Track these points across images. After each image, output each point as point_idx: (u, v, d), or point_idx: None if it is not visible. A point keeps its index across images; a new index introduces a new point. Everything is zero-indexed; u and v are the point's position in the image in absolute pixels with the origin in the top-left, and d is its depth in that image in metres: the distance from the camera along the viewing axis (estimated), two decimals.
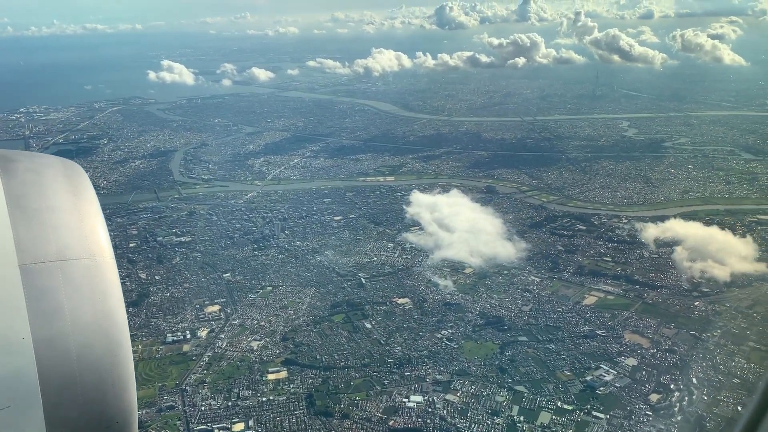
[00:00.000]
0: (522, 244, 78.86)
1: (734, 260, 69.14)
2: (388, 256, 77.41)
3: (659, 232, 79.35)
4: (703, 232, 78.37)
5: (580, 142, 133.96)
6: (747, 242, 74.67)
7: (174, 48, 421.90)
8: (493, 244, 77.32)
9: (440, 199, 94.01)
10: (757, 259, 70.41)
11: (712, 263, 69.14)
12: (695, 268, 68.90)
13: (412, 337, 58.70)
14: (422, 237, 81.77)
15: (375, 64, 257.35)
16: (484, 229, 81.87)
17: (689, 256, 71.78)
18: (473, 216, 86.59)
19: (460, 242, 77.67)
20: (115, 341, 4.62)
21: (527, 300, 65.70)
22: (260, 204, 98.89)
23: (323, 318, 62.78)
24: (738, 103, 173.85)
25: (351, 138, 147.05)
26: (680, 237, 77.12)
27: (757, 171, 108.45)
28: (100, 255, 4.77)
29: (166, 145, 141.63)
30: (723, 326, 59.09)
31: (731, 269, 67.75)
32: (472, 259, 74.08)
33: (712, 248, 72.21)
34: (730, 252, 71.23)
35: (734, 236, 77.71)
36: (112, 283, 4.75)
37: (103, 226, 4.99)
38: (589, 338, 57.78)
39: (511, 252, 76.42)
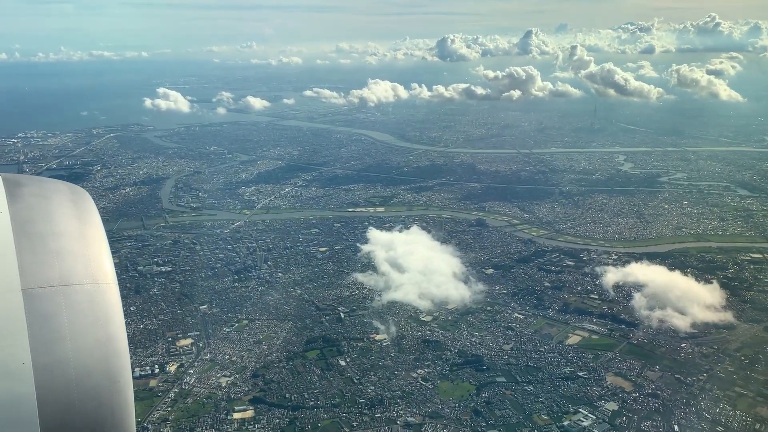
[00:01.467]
0: (479, 285, 75.15)
1: (696, 309, 66.03)
2: (370, 290, 75.63)
3: (620, 276, 76.12)
4: (666, 277, 74.87)
5: (574, 175, 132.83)
6: (714, 288, 71.26)
7: (178, 76, 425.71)
8: (445, 286, 73.70)
9: (398, 237, 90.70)
10: (724, 306, 67.65)
11: (671, 311, 66.00)
12: (653, 317, 65.58)
13: (387, 375, 56.76)
14: (372, 278, 77.65)
15: (370, 95, 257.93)
16: (439, 270, 77.79)
17: (647, 304, 68.23)
18: (429, 255, 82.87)
19: (410, 284, 74.06)
20: (116, 368, 4.58)
21: (509, 338, 63.79)
22: (246, 234, 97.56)
23: (297, 354, 60.92)
24: (737, 139, 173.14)
25: (345, 168, 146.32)
26: (642, 282, 73.72)
27: (752, 208, 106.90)
28: (103, 281, 4.75)
29: (158, 173, 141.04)
30: (709, 369, 56.97)
31: (692, 319, 64.69)
32: (420, 302, 70.36)
33: (672, 295, 68.79)
34: (693, 299, 67.92)
35: (700, 281, 74.34)
36: (114, 309, 4.72)
37: (107, 251, 5.01)
38: (569, 380, 55.74)
39: (465, 294, 72.53)
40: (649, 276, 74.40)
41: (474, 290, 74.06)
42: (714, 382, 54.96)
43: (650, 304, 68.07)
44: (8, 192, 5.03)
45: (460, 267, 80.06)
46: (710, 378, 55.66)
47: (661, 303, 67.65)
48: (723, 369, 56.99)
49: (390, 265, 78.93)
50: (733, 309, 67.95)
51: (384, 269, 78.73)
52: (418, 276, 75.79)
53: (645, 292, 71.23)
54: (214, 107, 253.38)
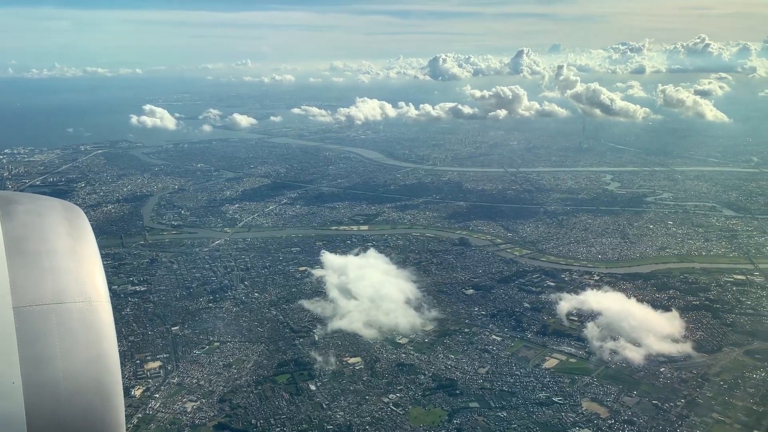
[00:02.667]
0: (433, 313, 72.48)
1: (652, 340, 63.62)
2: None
3: (575, 304, 73.30)
4: (621, 305, 71.93)
5: (560, 194, 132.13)
6: (673, 317, 68.92)
7: (171, 92, 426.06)
8: (395, 314, 70.75)
9: (352, 261, 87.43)
10: (685, 337, 65.41)
11: (624, 343, 63.72)
12: (606, 348, 63.11)
13: (357, 401, 55.28)
14: (319, 304, 74.68)
15: (358, 113, 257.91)
16: (390, 296, 74.84)
17: (600, 335, 65.69)
18: (383, 280, 79.57)
19: (357, 311, 71.28)
20: (108, 387, 4.45)
21: (485, 361, 62.47)
22: (225, 252, 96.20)
23: (267, 378, 59.39)
24: (724, 159, 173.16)
25: (331, 185, 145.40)
26: (596, 310, 71.11)
27: (737, 228, 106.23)
28: (96, 299, 4.68)
29: (142, 190, 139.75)
30: (687, 395, 55.70)
31: (646, 351, 62.24)
32: (366, 331, 67.29)
33: (627, 325, 66.34)
34: (649, 329, 65.36)
35: (659, 311, 71.09)
36: (107, 327, 4.63)
37: (100, 269, 4.94)
38: (544, 406, 54.36)
39: (416, 322, 69.68)
40: (604, 304, 71.73)
41: (426, 317, 71.33)
42: (692, 408, 53.69)
43: (603, 335, 65.51)
44: (2, 209, 5.02)
45: (415, 292, 77.56)
46: (688, 404, 54.38)
47: (615, 333, 65.42)
48: (701, 395, 55.72)
49: (339, 291, 76.00)
50: (711, 332, 67.00)
51: (333, 295, 75.87)
52: (367, 303, 72.85)
53: (599, 321, 68.67)
54: (201, 124, 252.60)
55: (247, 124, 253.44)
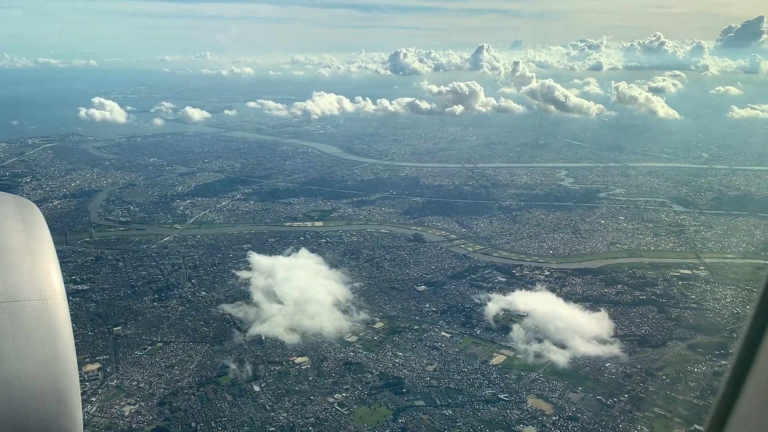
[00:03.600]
0: (363, 315, 70.62)
1: (578, 342, 63.14)
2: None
3: (504, 305, 72.29)
4: (549, 306, 70.97)
5: (515, 190, 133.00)
6: (601, 317, 68.60)
7: (127, 85, 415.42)
8: (320, 318, 68.54)
9: (281, 262, 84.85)
10: (612, 337, 65.18)
11: (549, 345, 63.13)
12: (530, 350, 62.46)
13: (302, 401, 54.25)
14: (242, 309, 71.56)
15: (314, 107, 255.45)
16: (317, 299, 72.50)
17: (525, 337, 64.80)
18: (312, 282, 77.20)
19: (281, 315, 69.03)
20: (64, 388, 4.30)
21: (433, 358, 62.09)
22: (173, 249, 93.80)
23: (210, 379, 57.87)
24: (676, 155, 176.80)
25: (287, 181, 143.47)
26: (523, 312, 70.65)
27: (685, 223, 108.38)
28: (51, 296, 4.52)
29: (91, 185, 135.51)
30: (631, 390, 56.27)
31: (572, 353, 61.58)
32: (288, 336, 64.70)
33: (553, 327, 65.72)
34: (575, 331, 64.80)
35: (588, 311, 70.75)
36: (63, 326, 4.48)
37: (56, 267, 4.77)
38: (490, 403, 54.23)
39: (342, 326, 67.53)
40: (531, 305, 71.22)
41: (355, 320, 69.42)
42: (635, 403, 54.24)
43: (528, 337, 64.74)
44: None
45: (346, 293, 75.80)
46: (631, 399, 54.92)
47: (540, 335, 64.96)
48: (645, 389, 56.39)
49: (264, 295, 73.41)
50: (656, 327, 68.02)
51: (257, 299, 73.00)
52: (293, 306, 70.55)
53: (525, 323, 67.94)
54: (153, 118, 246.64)
55: (200, 118, 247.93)
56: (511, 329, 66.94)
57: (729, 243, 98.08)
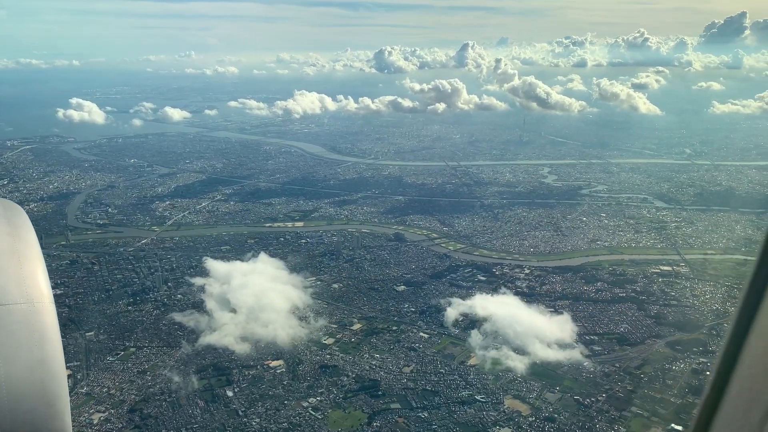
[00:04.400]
0: (321, 321, 68.42)
1: (538, 347, 61.48)
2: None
3: (464, 310, 70.09)
4: (509, 311, 68.70)
5: (498, 188, 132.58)
6: (564, 320, 66.84)
7: (110, 85, 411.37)
8: (274, 326, 65.97)
9: (238, 268, 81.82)
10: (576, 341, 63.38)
11: (507, 351, 61.30)
12: (488, 357, 60.69)
13: (276, 406, 53.36)
14: (194, 317, 68.66)
15: (296, 106, 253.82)
16: (272, 306, 69.18)
17: (483, 343, 62.75)
18: (269, 288, 74.30)
19: (233, 324, 66.61)
20: (52, 392, 4.22)
21: (411, 359, 61.38)
22: (150, 252, 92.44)
23: (182, 385, 56.76)
24: (659, 151, 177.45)
25: (269, 181, 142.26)
26: (482, 317, 68.11)
27: (666, 219, 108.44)
28: (38, 300, 4.42)
29: (69, 187, 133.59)
30: (609, 389, 55.84)
31: (531, 359, 59.87)
32: (238, 346, 62.12)
33: (512, 332, 63.68)
34: (535, 336, 62.99)
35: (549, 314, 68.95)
36: (51, 329, 4.40)
37: (43, 270, 4.70)
38: (466, 404, 53.59)
39: (299, 334, 65.04)
40: (491, 309, 68.86)
41: (313, 327, 67.07)
42: (612, 403, 53.80)
43: (485, 343, 62.62)
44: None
45: (305, 300, 73.55)
46: (609, 398, 54.48)
47: (499, 341, 63.05)
48: (622, 388, 55.98)
49: (217, 302, 71.02)
50: (636, 325, 67.73)
51: (210, 306, 70.07)
52: (246, 314, 68.11)
53: (483, 328, 65.46)
54: (132, 118, 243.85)
55: (180, 118, 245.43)
56: (470, 335, 64.71)
57: (710, 239, 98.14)
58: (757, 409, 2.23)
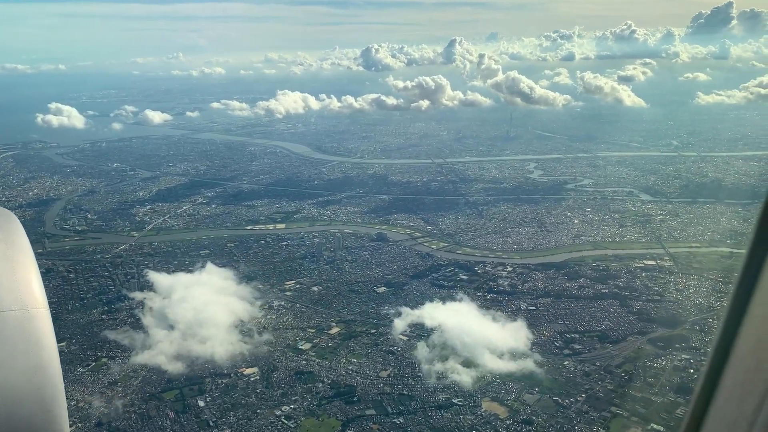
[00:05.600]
0: (266, 336, 64.86)
1: (488, 359, 58.59)
2: (252, 317, 70.72)
3: (413, 320, 66.80)
4: (459, 321, 65.19)
5: (483, 184, 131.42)
6: (518, 327, 64.09)
7: (97, 89, 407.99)
8: (212, 342, 62.34)
9: (182, 280, 78.32)
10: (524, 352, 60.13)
11: (454, 364, 58.29)
12: (433, 371, 57.65)
13: (248, 415, 52.08)
14: (128, 335, 65.33)
15: (278, 106, 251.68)
16: (214, 321, 65.32)
17: (429, 356, 59.34)
18: (212, 301, 70.46)
19: (169, 341, 63.19)
20: (49, 397, 4.21)
21: (388, 363, 60.20)
22: (128, 258, 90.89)
23: (154, 395, 55.43)
24: (646, 144, 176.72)
25: (253, 182, 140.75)
26: (430, 327, 65.12)
27: (651, 213, 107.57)
28: (33, 306, 4.42)
29: (49, 193, 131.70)
30: (589, 389, 54.80)
31: (478, 373, 56.88)
32: (171, 365, 58.79)
33: (460, 343, 60.78)
34: (486, 347, 59.94)
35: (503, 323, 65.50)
36: (46, 335, 4.39)
37: (37, 276, 4.69)
38: (443, 408, 52.45)
39: (238, 350, 61.45)
40: (442, 319, 65.63)
41: (256, 341, 63.54)
42: (591, 403, 52.75)
43: (431, 356, 59.39)
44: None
45: (252, 313, 70.20)
46: (588, 398, 53.44)
47: (445, 354, 59.95)
48: (602, 388, 54.95)
49: (155, 318, 68.01)
50: (618, 322, 66.76)
51: (146, 323, 66.77)
52: (184, 330, 64.20)
53: (430, 340, 62.35)
54: (112, 122, 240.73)
55: (161, 121, 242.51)
56: (416, 348, 61.62)
57: (694, 232, 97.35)
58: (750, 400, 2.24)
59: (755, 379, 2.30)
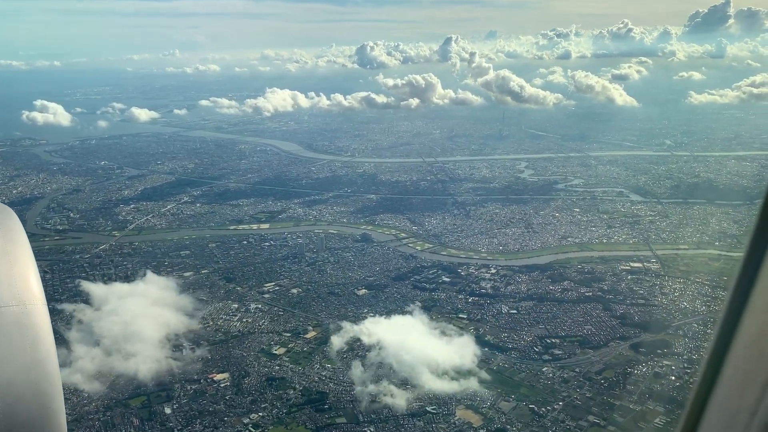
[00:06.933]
0: (200, 351, 61.02)
1: (427, 379, 54.95)
2: (226, 320, 69.27)
3: (353, 337, 63.07)
4: (400, 337, 61.18)
5: (473, 184, 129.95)
6: (465, 343, 60.66)
7: (91, 86, 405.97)
8: (136, 360, 58.51)
9: (116, 290, 74.69)
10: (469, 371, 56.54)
11: (388, 385, 54.46)
12: (366, 393, 53.93)
13: (214, 423, 50.61)
14: None
15: (266, 104, 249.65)
16: (141, 336, 61.36)
17: (361, 377, 55.37)
18: (144, 314, 66.56)
19: (89, 357, 59.11)
20: (47, 393, 4.18)
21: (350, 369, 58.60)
22: (107, 259, 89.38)
23: (120, 402, 53.93)
24: (639, 143, 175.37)
25: (240, 181, 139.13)
26: (368, 345, 61.63)
27: (641, 213, 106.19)
28: (31, 302, 4.35)
29: (34, 192, 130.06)
30: (567, 396, 53.42)
31: (415, 393, 53.46)
32: (87, 385, 54.94)
33: (396, 363, 56.76)
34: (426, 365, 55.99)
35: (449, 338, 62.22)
36: (44, 331, 4.33)
37: (35, 272, 4.62)
38: (416, 416, 51.04)
39: (164, 367, 57.89)
40: (382, 335, 61.66)
41: (187, 359, 59.93)
42: (568, 411, 51.38)
43: (365, 377, 55.75)
44: None
45: (186, 326, 66.21)
46: (566, 406, 52.07)
47: (384, 372, 56.56)
48: (581, 395, 53.55)
49: (81, 332, 64.05)
50: (600, 326, 65.38)
51: (71, 337, 62.36)
52: (109, 346, 60.94)
53: (367, 360, 58.73)
54: (98, 120, 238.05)
55: (148, 118, 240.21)
56: (350, 368, 57.79)
57: (683, 233, 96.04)
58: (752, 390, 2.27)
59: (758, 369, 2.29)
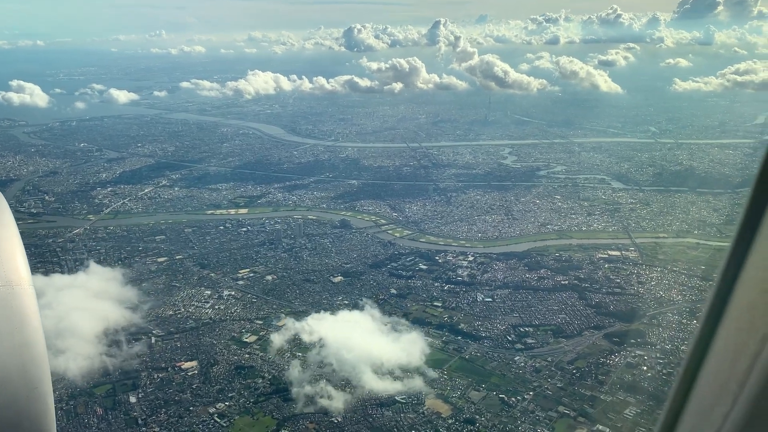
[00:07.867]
0: (136, 348, 58.49)
1: (368, 378, 53.16)
2: (198, 307, 68.25)
3: (293, 333, 60.83)
4: (345, 334, 58.95)
5: (456, 170, 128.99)
6: (413, 340, 58.86)
7: (75, 66, 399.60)
8: (68, 355, 55.45)
9: (55, 282, 70.47)
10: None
11: (325, 386, 52.38)
12: (304, 394, 51.80)
13: (180, 413, 49.76)
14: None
15: (247, 86, 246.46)
16: (74, 330, 58.17)
17: (299, 377, 53.49)
18: (81, 307, 62.98)
19: None
20: (34, 375, 4.14)
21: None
22: (80, 244, 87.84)
23: (84, 391, 52.94)
24: (624, 129, 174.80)
25: (220, 164, 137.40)
26: (308, 343, 58.77)
27: (621, 201, 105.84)
28: (17, 282, 4.34)
29: (9, 174, 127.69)
30: (537, 386, 53.01)
31: (356, 395, 51.48)
32: None
33: (336, 362, 55.08)
34: (367, 363, 54.28)
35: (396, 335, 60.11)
36: (31, 312, 4.31)
37: (21, 252, 4.60)
38: (385, 406, 50.47)
39: (98, 365, 55.11)
40: (322, 332, 59.65)
41: (124, 355, 57.33)
42: (539, 402, 51.00)
43: (302, 378, 53.48)
44: None
45: (127, 320, 63.52)
46: (536, 397, 51.69)
47: (323, 371, 54.71)
48: (551, 385, 53.17)
49: None
50: (574, 315, 65.02)
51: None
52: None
53: (308, 357, 56.89)
54: (76, 101, 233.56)
55: (127, 100, 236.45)
56: (288, 368, 55.47)
57: (663, 221, 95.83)
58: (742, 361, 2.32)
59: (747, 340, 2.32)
